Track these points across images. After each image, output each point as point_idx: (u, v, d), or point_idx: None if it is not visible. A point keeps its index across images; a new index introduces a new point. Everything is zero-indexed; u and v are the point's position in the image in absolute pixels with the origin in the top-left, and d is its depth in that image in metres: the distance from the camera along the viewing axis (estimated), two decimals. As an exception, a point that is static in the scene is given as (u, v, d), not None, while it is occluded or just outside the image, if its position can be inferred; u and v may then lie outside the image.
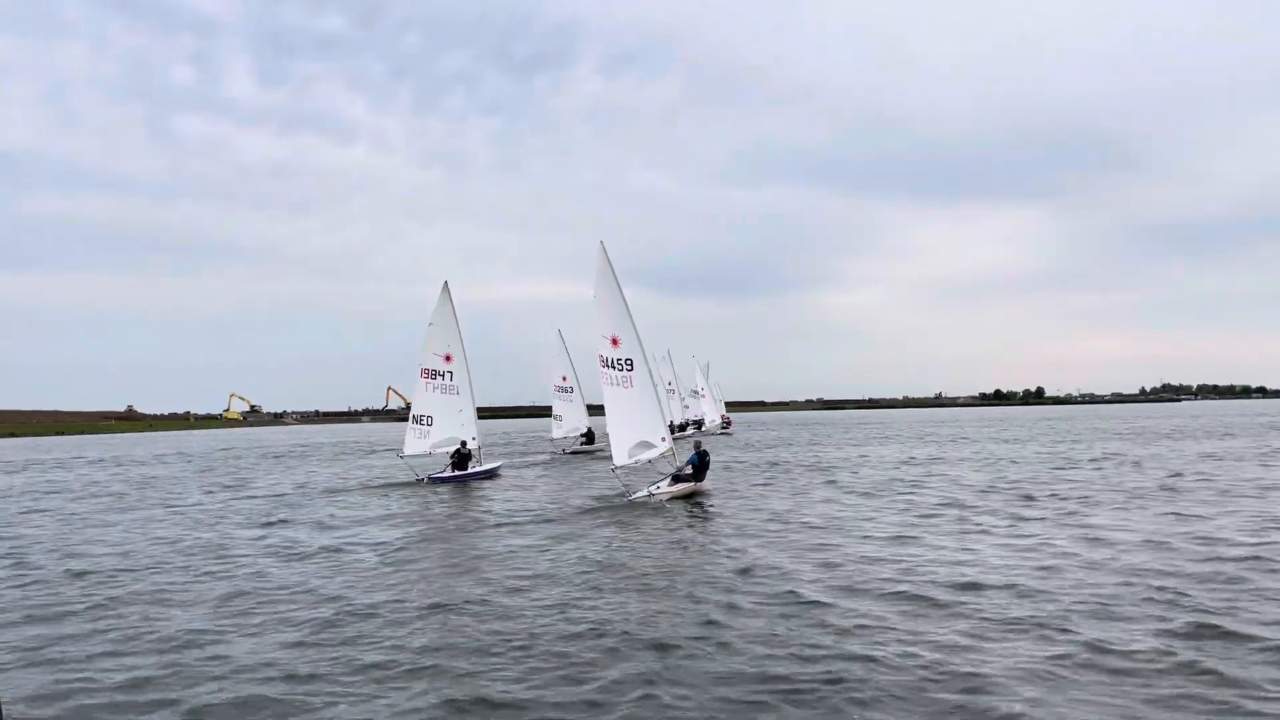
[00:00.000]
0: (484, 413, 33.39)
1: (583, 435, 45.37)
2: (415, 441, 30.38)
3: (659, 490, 22.29)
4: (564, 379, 45.86)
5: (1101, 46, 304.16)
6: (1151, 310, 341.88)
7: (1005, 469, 30.08)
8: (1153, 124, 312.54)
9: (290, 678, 8.40)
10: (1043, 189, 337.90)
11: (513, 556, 14.64)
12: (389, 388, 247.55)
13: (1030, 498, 21.15)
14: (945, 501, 20.85)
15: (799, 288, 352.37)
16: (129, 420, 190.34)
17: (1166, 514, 17.84)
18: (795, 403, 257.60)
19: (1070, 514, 18.14)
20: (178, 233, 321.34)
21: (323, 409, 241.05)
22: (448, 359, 31.13)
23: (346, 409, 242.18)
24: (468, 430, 30.87)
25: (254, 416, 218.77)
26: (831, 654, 8.68)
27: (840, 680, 7.90)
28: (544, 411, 54.09)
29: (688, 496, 22.51)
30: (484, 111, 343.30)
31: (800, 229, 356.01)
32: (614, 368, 23.49)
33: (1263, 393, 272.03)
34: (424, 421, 30.56)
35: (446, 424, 30.77)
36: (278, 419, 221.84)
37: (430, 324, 31.23)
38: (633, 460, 23.43)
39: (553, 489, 26.57)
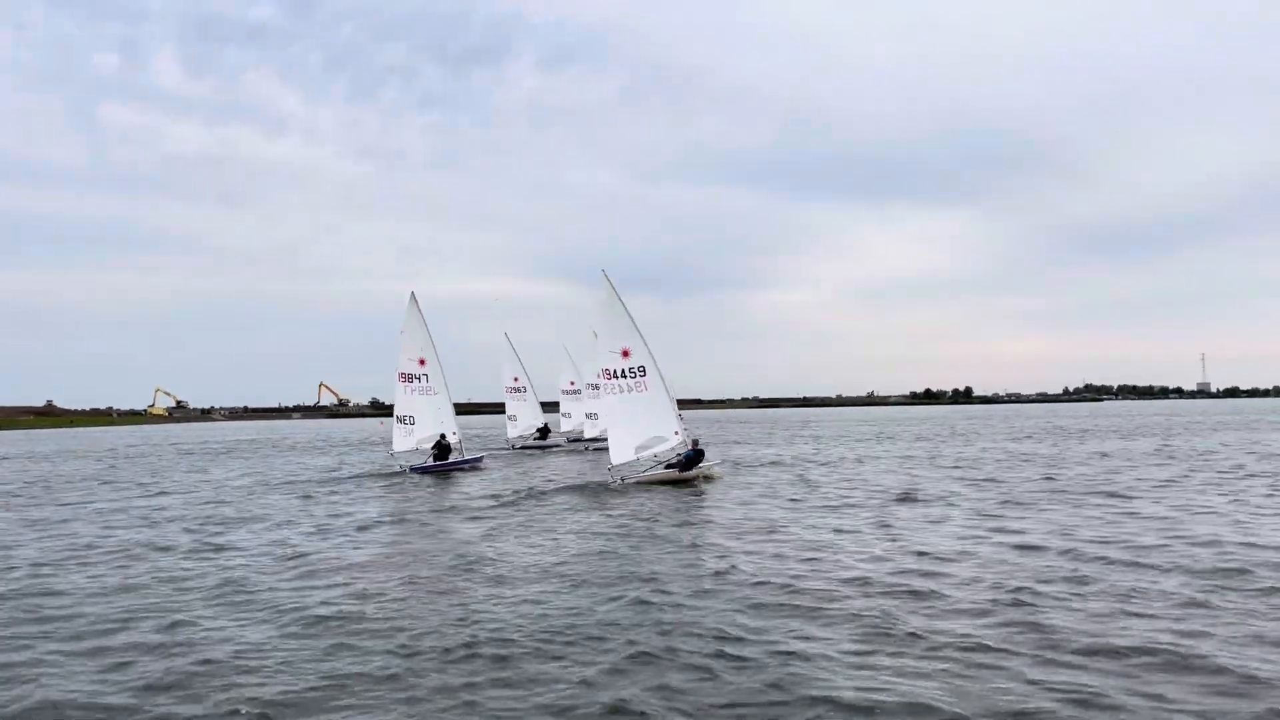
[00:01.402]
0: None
1: (537, 431, 48.92)
2: (403, 439, 34.34)
3: (624, 479, 26.47)
4: (515, 379, 49.18)
5: (1026, 54, 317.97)
6: (1074, 313, 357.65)
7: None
8: (1075, 130, 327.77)
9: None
10: (971, 193, 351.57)
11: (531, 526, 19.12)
12: (321, 384, 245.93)
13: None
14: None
15: (734, 286, 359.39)
16: (48, 416, 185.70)
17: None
18: (732, 401, 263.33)
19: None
20: (101, 223, 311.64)
21: (252, 405, 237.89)
22: (421, 363, 34.86)
23: (277, 405, 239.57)
24: (447, 425, 34.73)
25: (180, 412, 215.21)
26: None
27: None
28: (487, 409, 56.13)
29: (675, 483, 26.47)
30: (421, 105, 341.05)
31: (736, 228, 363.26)
32: (625, 376, 27.48)
33: (1179, 393, 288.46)
34: (408, 421, 34.43)
35: (428, 421, 34.53)
36: (205, 415, 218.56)
37: (401, 331, 34.85)
38: (637, 456, 27.29)
39: (532, 476, 30.94)
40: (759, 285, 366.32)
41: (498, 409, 53.94)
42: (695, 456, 27.55)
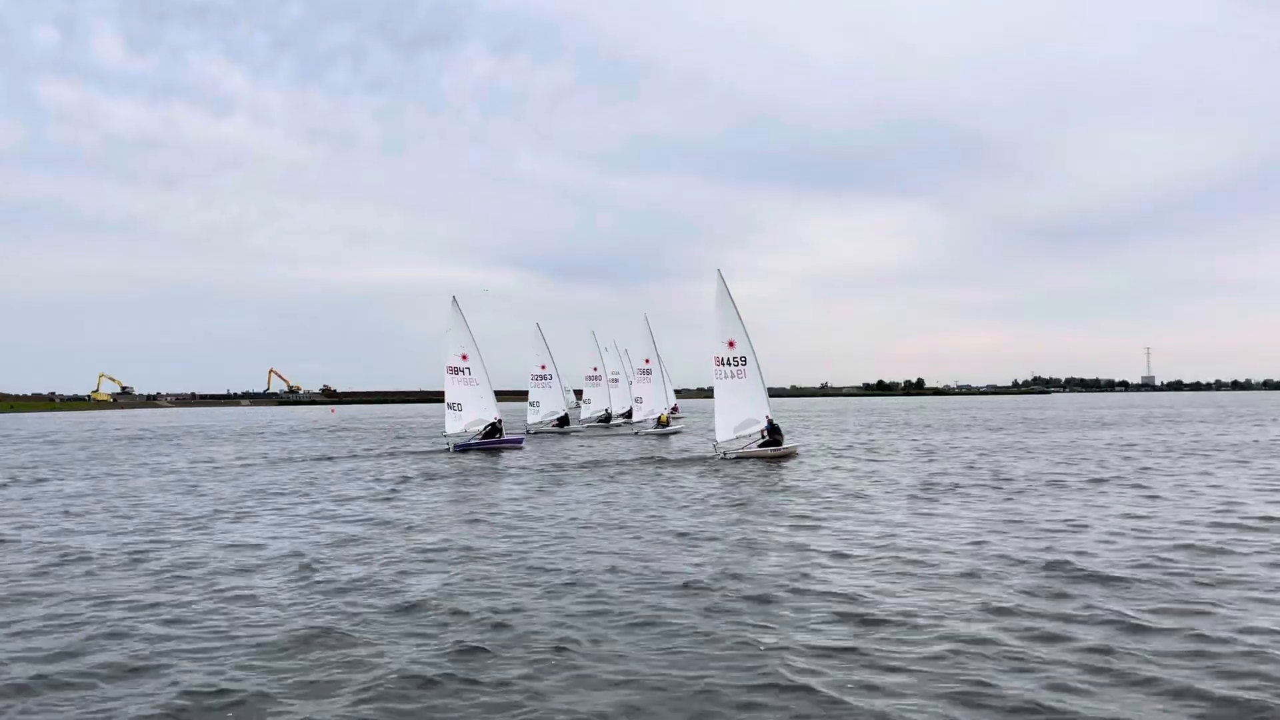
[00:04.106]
0: (374, 397, 39.50)
1: (557, 419, 50.35)
2: (452, 423, 37.15)
3: (730, 451, 30.51)
4: (543, 368, 50.43)
5: (975, 51, 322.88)
6: (1025, 306, 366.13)
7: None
8: (1023, 127, 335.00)
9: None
10: (922, 187, 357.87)
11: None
12: (271, 369, 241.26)
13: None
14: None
15: (686, 277, 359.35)
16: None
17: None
18: (687, 390, 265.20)
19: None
20: (39, 203, 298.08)
21: (199, 391, 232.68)
22: (464, 358, 37.79)
23: (225, 392, 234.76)
24: (490, 411, 37.67)
25: (125, 398, 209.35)
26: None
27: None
28: (435, 397, 56.84)
29: (775, 458, 30.35)
30: (369, 88, 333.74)
31: (688, 219, 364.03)
32: (729, 364, 31.05)
33: (1125, 386, 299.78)
34: (456, 407, 37.35)
35: (473, 408, 37.56)
36: (150, 401, 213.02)
37: (446, 331, 37.71)
38: (735, 435, 30.99)
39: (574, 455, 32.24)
40: (711, 276, 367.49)
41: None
42: (774, 432, 31.10)
